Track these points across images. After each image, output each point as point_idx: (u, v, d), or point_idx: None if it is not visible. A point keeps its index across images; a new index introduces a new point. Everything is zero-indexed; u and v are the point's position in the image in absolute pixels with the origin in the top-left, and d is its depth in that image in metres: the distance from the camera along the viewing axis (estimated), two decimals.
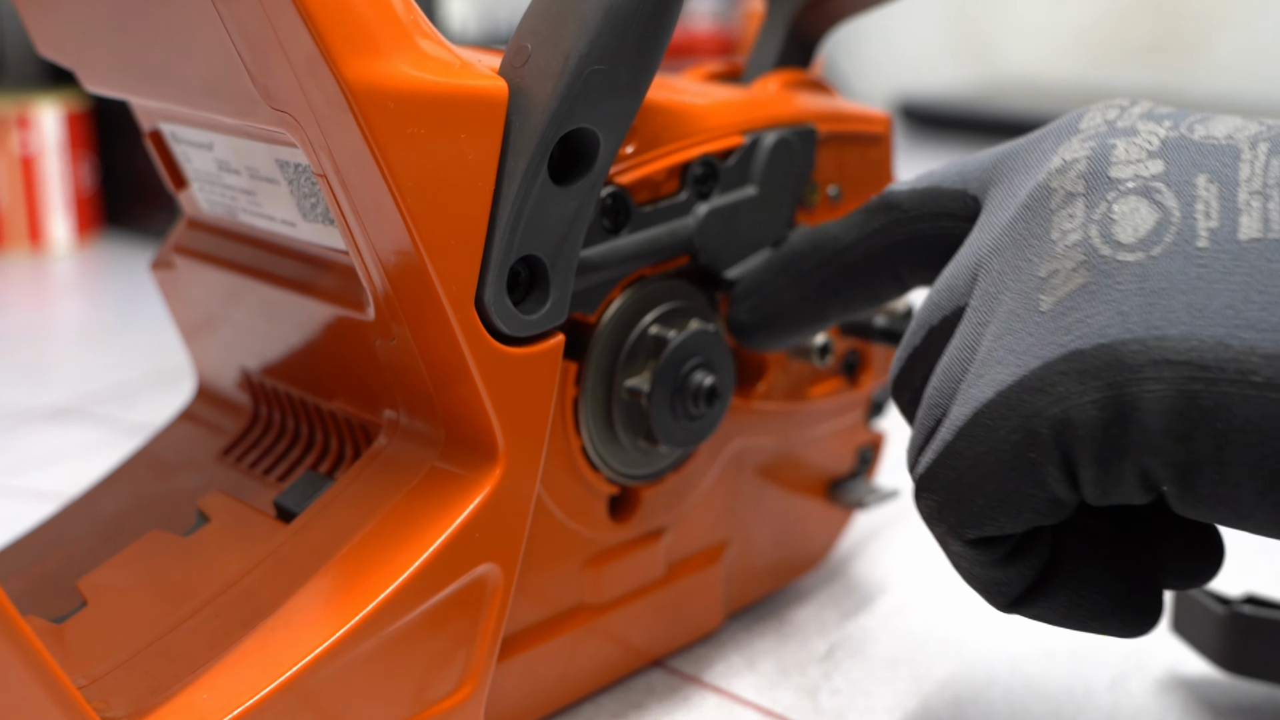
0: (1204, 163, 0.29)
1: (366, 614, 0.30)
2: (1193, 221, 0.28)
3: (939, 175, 0.36)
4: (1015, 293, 0.30)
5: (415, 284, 0.31)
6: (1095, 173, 0.30)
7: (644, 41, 0.32)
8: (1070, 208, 0.30)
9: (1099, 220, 0.29)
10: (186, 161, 0.38)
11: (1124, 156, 0.30)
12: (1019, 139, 0.35)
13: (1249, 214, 0.28)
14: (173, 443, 0.41)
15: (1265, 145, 0.29)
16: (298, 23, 0.27)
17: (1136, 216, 0.29)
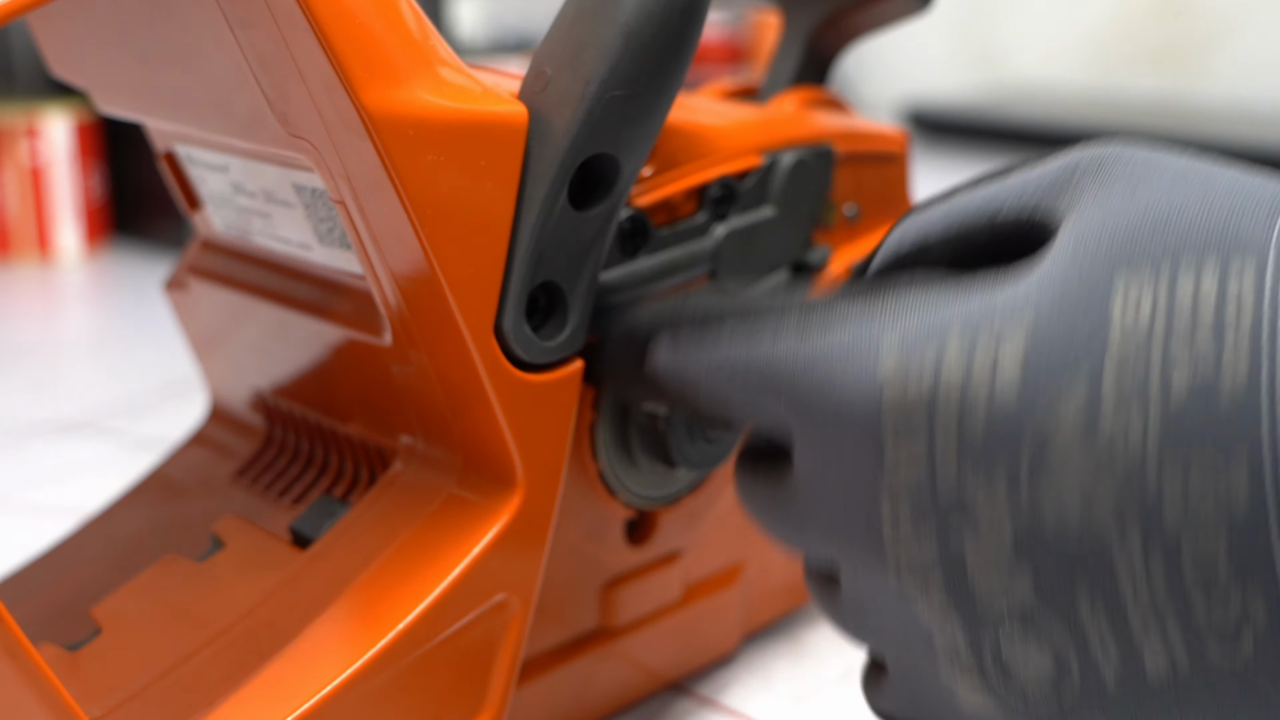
0: (1078, 573, 0.23)
1: (385, 644, 0.30)
2: (1095, 666, 0.24)
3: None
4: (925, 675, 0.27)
5: (434, 311, 0.31)
6: (962, 597, 0.25)
7: (664, 66, 0.31)
8: (947, 634, 0.25)
9: (993, 667, 0.25)
10: (201, 183, 0.37)
11: (983, 573, 0.24)
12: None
13: (1150, 649, 0.23)
14: (186, 464, 0.41)
15: (1136, 534, 0.23)
16: (316, 50, 0.27)
17: (1031, 664, 0.24)
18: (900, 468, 0.25)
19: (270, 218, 0.35)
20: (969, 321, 0.25)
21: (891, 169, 0.44)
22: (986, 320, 0.25)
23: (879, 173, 0.44)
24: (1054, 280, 0.24)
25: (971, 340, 0.24)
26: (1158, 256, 0.24)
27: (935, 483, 0.25)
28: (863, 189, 0.43)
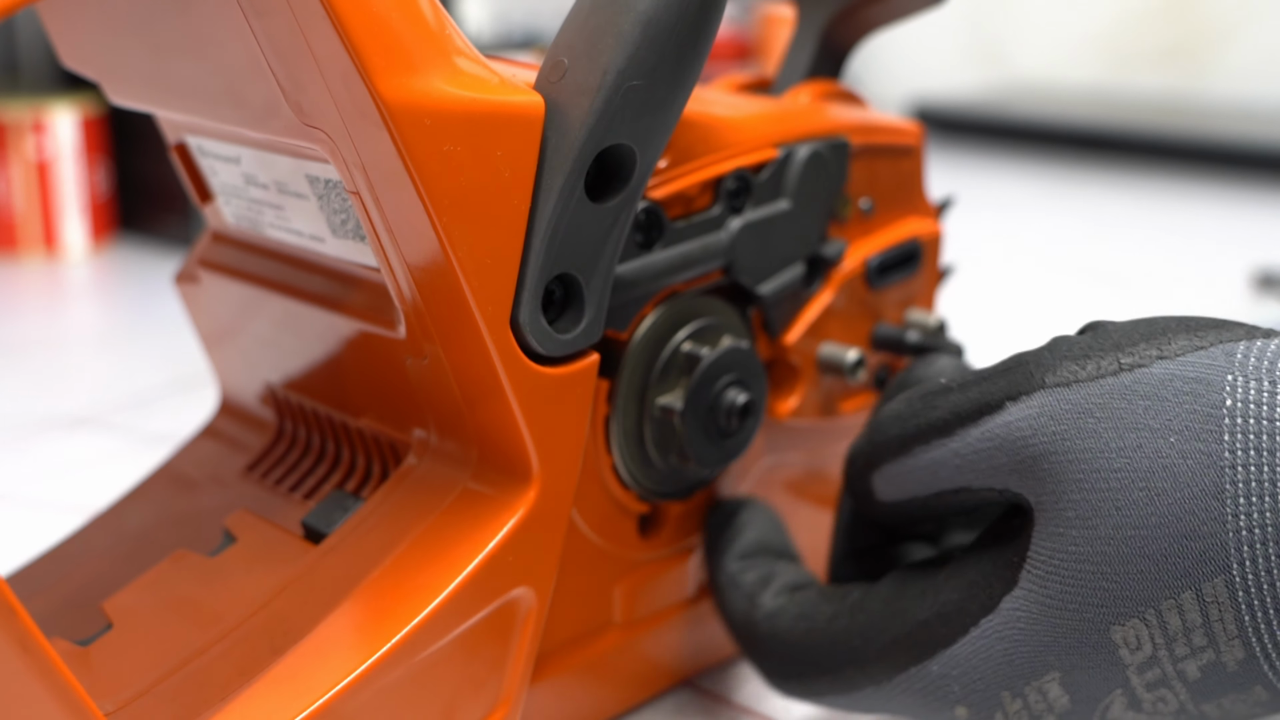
0: None
1: (399, 640, 0.30)
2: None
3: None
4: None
5: (450, 303, 0.30)
6: None
7: (682, 57, 0.31)
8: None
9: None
10: (212, 175, 0.37)
11: None
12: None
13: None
14: (196, 458, 0.40)
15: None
16: (333, 39, 0.27)
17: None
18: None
19: (283, 209, 0.35)
20: (1010, 684, 0.31)
21: (906, 162, 0.44)
22: (1022, 681, 0.31)
23: (894, 166, 0.43)
24: (1060, 644, 0.30)
25: (1021, 694, 0.31)
26: (1141, 608, 0.29)
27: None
28: (878, 182, 0.43)
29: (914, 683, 0.33)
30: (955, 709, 0.32)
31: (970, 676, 0.31)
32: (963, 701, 0.32)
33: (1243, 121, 1.39)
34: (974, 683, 0.31)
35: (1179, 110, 1.47)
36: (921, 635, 0.32)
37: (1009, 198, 1.23)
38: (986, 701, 0.31)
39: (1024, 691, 0.31)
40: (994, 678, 0.31)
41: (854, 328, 0.42)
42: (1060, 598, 0.29)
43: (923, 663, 0.32)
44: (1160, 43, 1.57)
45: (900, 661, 0.33)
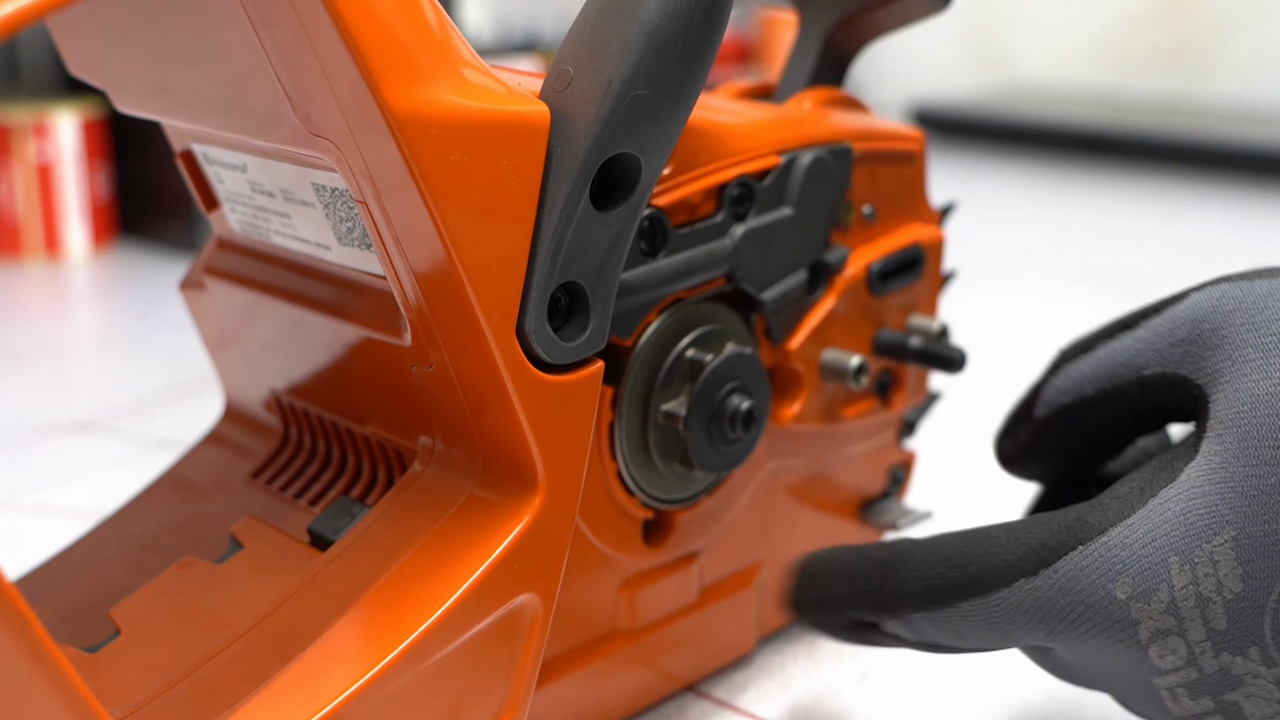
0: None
1: (406, 646, 0.30)
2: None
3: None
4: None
5: (456, 311, 0.30)
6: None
7: (687, 66, 0.31)
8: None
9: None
10: (218, 182, 0.37)
11: (1262, 714, 0.30)
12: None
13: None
14: (202, 464, 0.41)
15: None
16: (341, 49, 0.27)
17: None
18: (1167, 660, 0.31)
19: (288, 217, 0.35)
20: (1181, 547, 0.30)
21: (909, 168, 0.44)
22: (1195, 543, 0.30)
23: (897, 172, 0.44)
24: (1237, 493, 0.30)
25: (1191, 561, 0.30)
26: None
27: (1201, 669, 0.30)
28: (880, 188, 0.43)
29: (1079, 561, 0.31)
30: (1117, 583, 0.31)
31: (1141, 542, 0.30)
32: (1127, 572, 0.31)
33: (1243, 122, 1.39)
34: (1144, 549, 0.30)
35: (1179, 111, 1.47)
36: (1095, 514, 0.32)
37: (1009, 199, 1.23)
38: (1153, 572, 0.30)
39: (1194, 558, 0.30)
40: (1166, 540, 0.30)
41: (856, 333, 0.42)
42: (1239, 445, 0.30)
43: (1094, 539, 0.31)
44: (1160, 44, 1.57)
45: (1068, 541, 0.32)
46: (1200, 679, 0.31)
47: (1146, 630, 0.31)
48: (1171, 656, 0.31)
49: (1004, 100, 1.54)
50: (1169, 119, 1.41)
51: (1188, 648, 0.30)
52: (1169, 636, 0.30)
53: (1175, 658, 0.31)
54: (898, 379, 0.45)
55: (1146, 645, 0.31)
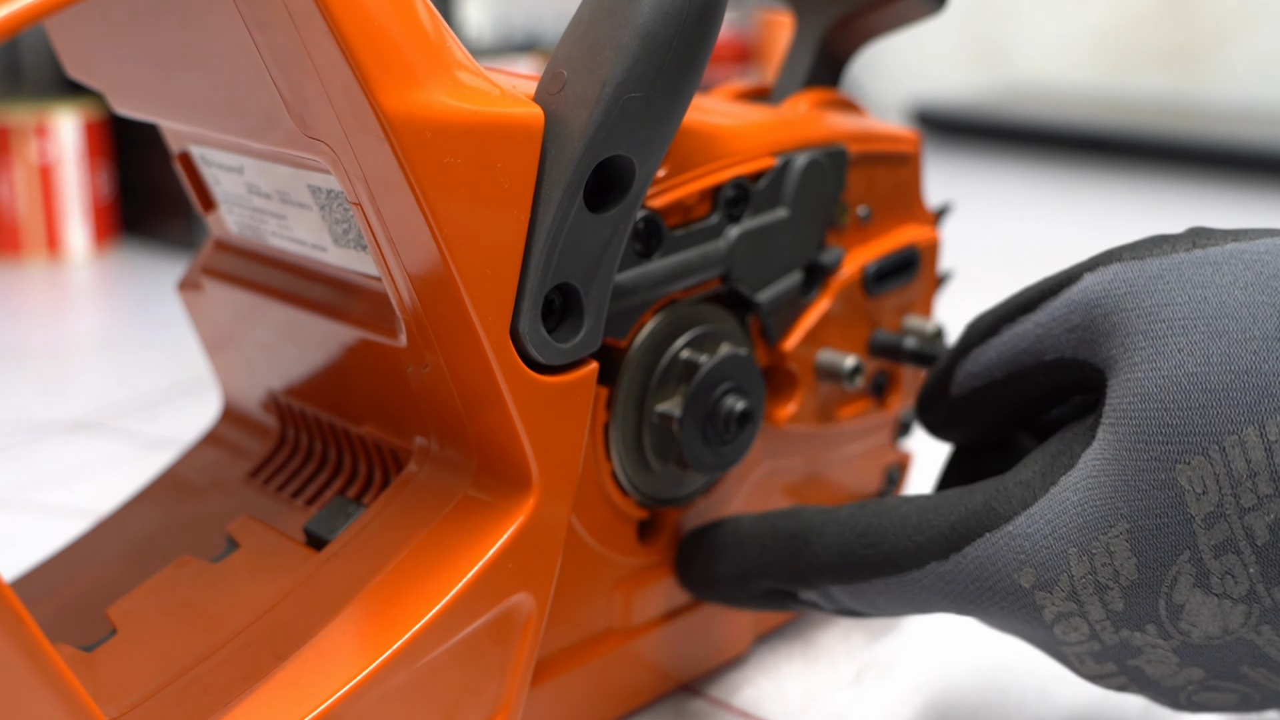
0: (1231, 657, 0.31)
1: (400, 646, 0.30)
2: (1272, 691, 0.32)
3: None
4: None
5: (450, 312, 0.31)
6: (1147, 689, 0.33)
7: (680, 68, 0.31)
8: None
9: (1188, 707, 0.33)
10: (215, 184, 0.37)
11: (1160, 674, 0.32)
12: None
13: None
14: (199, 464, 0.41)
15: (1269, 629, 0.30)
16: (335, 52, 0.27)
17: (1219, 701, 0.33)
18: (1070, 636, 0.32)
19: (285, 219, 0.35)
20: (1079, 539, 0.31)
21: (904, 170, 0.44)
22: (1091, 535, 0.31)
23: (892, 173, 0.44)
24: (1129, 487, 0.30)
25: (1089, 551, 0.31)
26: (1205, 443, 0.29)
27: (1103, 642, 0.32)
28: (875, 190, 0.43)
29: (985, 549, 0.32)
30: (1021, 572, 0.32)
31: (1043, 533, 0.32)
32: (1030, 562, 0.32)
33: (1243, 123, 1.40)
34: (1045, 539, 0.31)
35: (1179, 112, 1.47)
36: (1000, 500, 0.33)
37: (1009, 200, 1.23)
38: (1054, 562, 0.31)
39: (1092, 549, 0.31)
40: (1065, 531, 0.31)
41: (852, 334, 0.43)
42: (1130, 439, 0.30)
43: (999, 527, 0.32)
44: (1161, 44, 1.57)
45: (975, 528, 0.33)
46: (1103, 650, 0.32)
47: (1050, 613, 0.32)
48: (1075, 634, 0.32)
49: (1004, 100, 1.54)
50: (1169, 120, 1.41)
51: (1089, 626, 0.32)
52: (1071, 618, 0.32)
53: (1078, 635, 0.32)
54: (893, 380, 0.45)
55: (1051, 625, 0.32)
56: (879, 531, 0.34)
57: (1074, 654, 0.33)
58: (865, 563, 0.34)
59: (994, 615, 0.33)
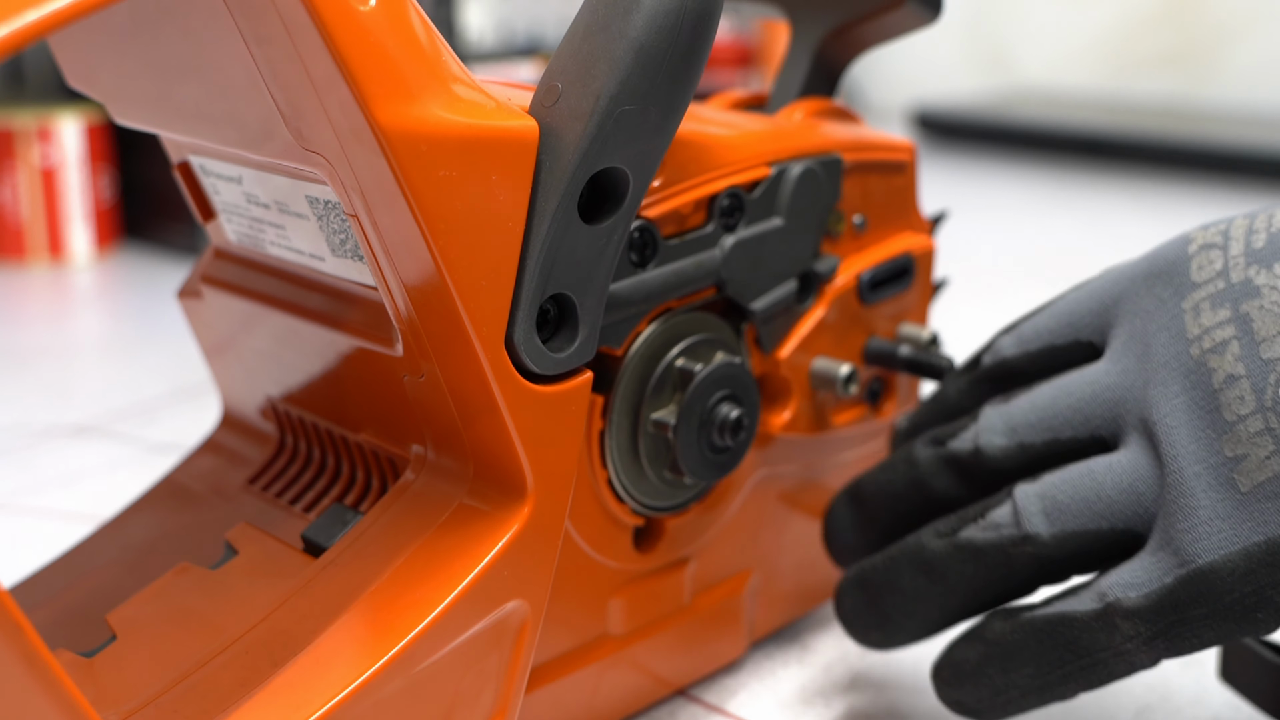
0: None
1: (396, 652, 0.30)
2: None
3: (1046, 332, 0.39)
4: (1202, 465, 0.33)
5: (445, 323, 0.31)
6: (1250, 355, 0.33)
7: (674, 82, 0.32)
8: (1237, 390, 0.33)
9: (1273, 408, 0.32)
10: (215, 193, 0.38)
11: (1268, 331, 0.33)
12: (1119, 274, 0.38)
13: None
14: (198, 471, 0.41)
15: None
16: (332, 68, 0.27)
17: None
18: (1202, 273, 0.35)
19: (283, 228, 0.36)
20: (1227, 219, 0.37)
21: (900, 178, 0.45)
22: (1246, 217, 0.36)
23: (887, 182, 0.44)
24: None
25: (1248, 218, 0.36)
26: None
27: (1229, 278, 0.34)
28: (871, 198, 0.43)
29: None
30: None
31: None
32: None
33: (1245, 126, 1.40)
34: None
35: (1182, 115, 1.47)
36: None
37: (1011, 203, 1.24)
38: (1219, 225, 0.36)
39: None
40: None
41: (846, 342, 0.43)
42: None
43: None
44: (1163, 48, 1.57)
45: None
46: (1226, 288, 0.34)
47: (1195, 245, 0.36)
48: (1209, 268, 0.35)
49: (1006, 104, 1.55)
50: (1171, 123, 1.41)
51: (1225, 260, 0.34)
52: (1211, 250, 0.35)
53: (1211, 269, 0.35)
54: (889, 387, 0.45)
55: (1191, 258, 0.35)
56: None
57: (1192, 304, 0.35)
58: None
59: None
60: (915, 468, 0.38)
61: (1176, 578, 0.32)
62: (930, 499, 0.38)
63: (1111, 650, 0.33)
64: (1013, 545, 0.35)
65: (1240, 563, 0.32)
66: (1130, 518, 0.34)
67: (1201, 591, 0.32)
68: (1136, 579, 0.33)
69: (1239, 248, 0.35)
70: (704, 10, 0.31)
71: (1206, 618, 0.32)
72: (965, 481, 0.38)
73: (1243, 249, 0.35)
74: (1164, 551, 0.33)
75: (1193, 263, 0.35)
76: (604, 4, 0.31)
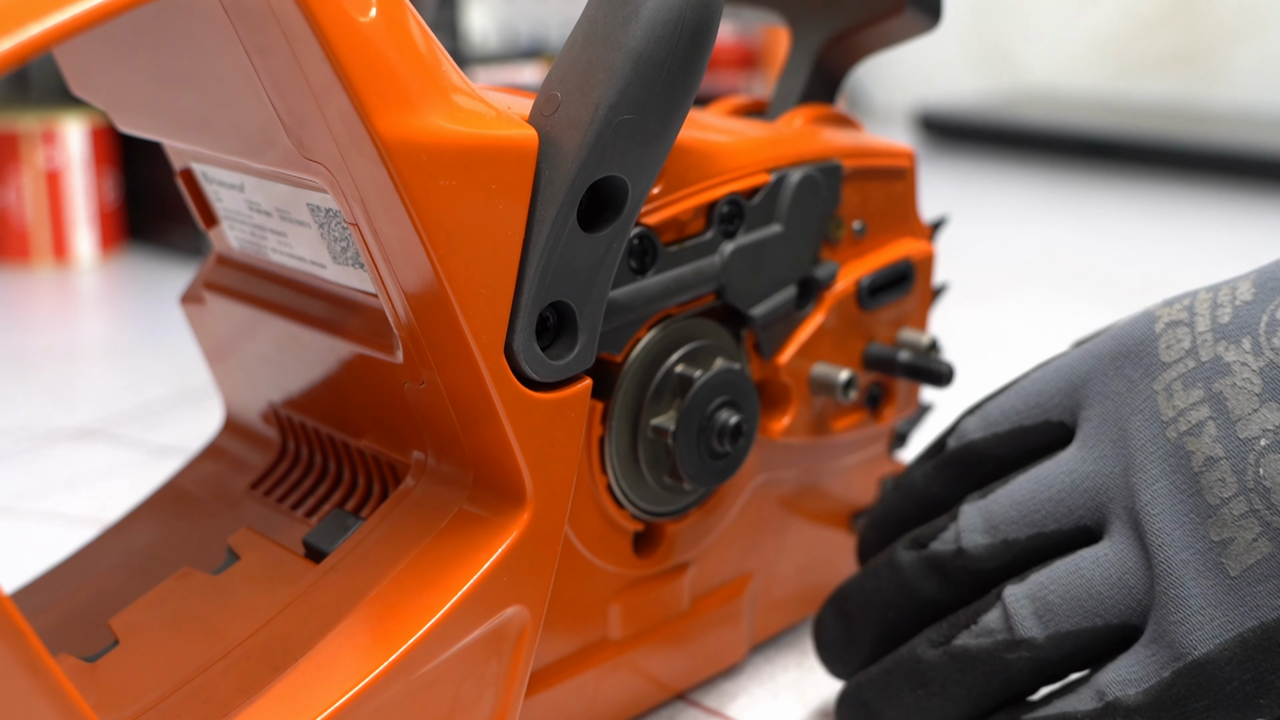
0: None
1: (397, 658, 0.31)
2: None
3: (1014, 413, 0.39)
4: (1190, 551, 0.33)
5: (445, 331, 0.31)
6: (1227, 435, 0.33)
7: (672, 91, 0.32)
8: (1217, 472, 0.33)
9: (1255, 489, 0.32)
10: (217, 200, 0.38)
11: (1241, 411, 0.33)
12: (1084, 353, 0.38)
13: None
14: (201, 475, 0.41)
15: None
16: (333, 79, 0.28)
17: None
18: (1171, 353, 0.35)
19: (285, 235, 0.36)
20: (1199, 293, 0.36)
21: (899, 184, 0.45)
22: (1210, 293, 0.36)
23: (886, 188, 0.44)
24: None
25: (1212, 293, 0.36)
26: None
27: (1199, 356, 0.34)
28: (870, 204, 0.44)
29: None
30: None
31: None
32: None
33: (1249, 127, 1.40)
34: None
35: (1185, 116, 1.47)
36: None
37: (1014, 204, 1.24)
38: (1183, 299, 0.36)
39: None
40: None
41: (846, 348, 0.43)
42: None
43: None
44: (1166, 49, 1.57)
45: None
46: (1197, 367, 0.34)
47: (1161, 323, 0.36)
48: (1177, 347, 0.35)
49: (1009, 105, 1.55)
50: (1175, 124, 1.41)
51: (1192, 338, 0.35)
52: (1178, 328, 0.35)
53: (1179, 348, 0.35)
54: (888, 392, 0.46)
55: (1159, 336, 0.35)
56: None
57: (1164, 385, 0.35)
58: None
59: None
60: (899, 573, 0.38)
61: (1174, 671, 0.32)
62: (918, 603, 0.38)
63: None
64: (1008, 650, 0.35)
65: (1237, 651, 0.31)
66: (1124, 611, 0.34)
67: (1200, 684, 0.32)
68: (1134, 675, 0.33)
69: (1205, 323, 0.35)
70: (702, 20, 0.32)
71: (1208, 709, 0.32)
72: (951, 584, 0.37)
73: (1209, 324, 0.35)
74: (1159, 644, 0.33)
75: (1160, 341, 0.35)
76: (603, 14, 0.31)
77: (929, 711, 0.36)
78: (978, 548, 0.37)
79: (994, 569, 0.37)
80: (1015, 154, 1.43)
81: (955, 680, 0.36)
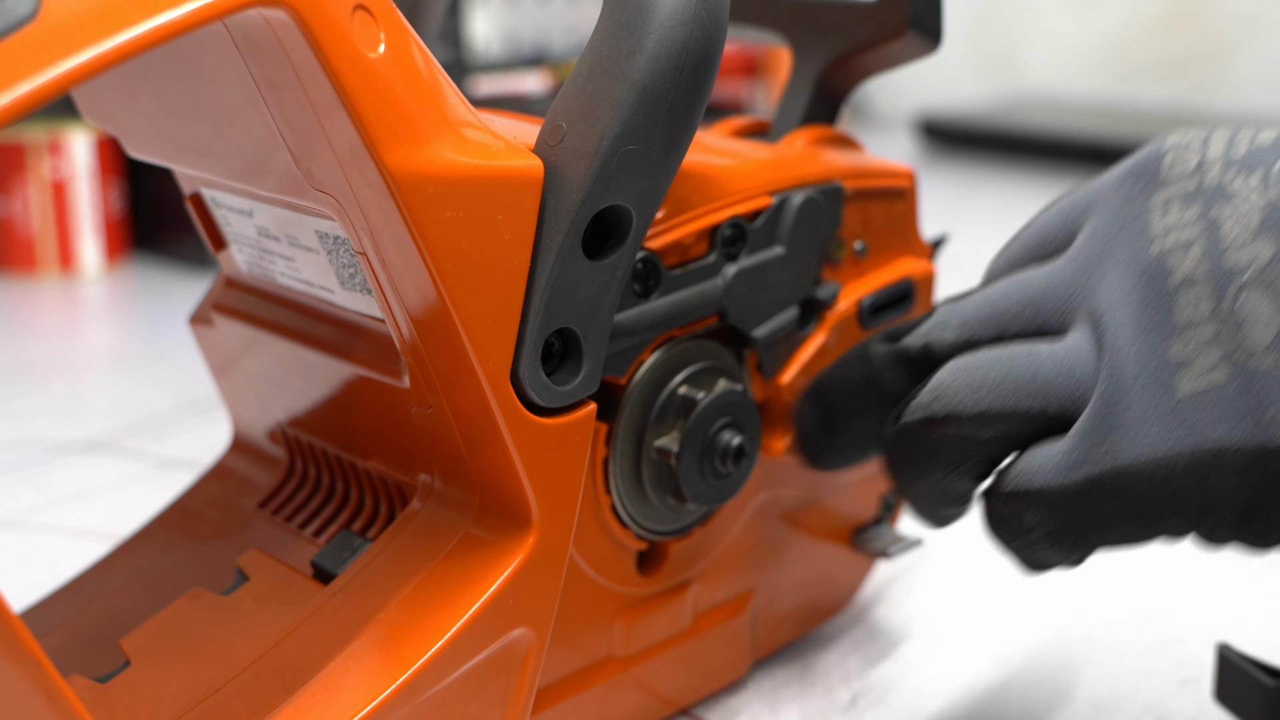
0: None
1: (405, 680, 0.31)
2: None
3: (1018, 260, 0.39)
4: (1142, 363, 0.32)
5: (452, 358, 0.32)
6: (1213, 260, 0.32)
7: (676, 121, 0.32)
8: (1192, 294, 0.32)
9: (1228, 319, 0.31)
10: (226, 225, 0.38)
11: (1233, 239, 0.32)
12: (1095, 182, 0.37)
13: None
14: (210, 494, 0.42)
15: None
16: (341, 113, 0.28)
17: (1263, 318, 0.31)
18: (1174, 171, 0.34)
19: (293, 260, 0.36)
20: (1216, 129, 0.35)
21: (899, 204, 0.45)
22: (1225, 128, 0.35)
23: (888, 209, 0.45)
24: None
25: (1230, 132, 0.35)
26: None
27: (1203, 180, 0.34)
28: (871, 224, 0.44)
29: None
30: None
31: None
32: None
33: None
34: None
35: (1186, 122, 1.47)
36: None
37: (1016, 210, 1.24)
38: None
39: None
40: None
41: None
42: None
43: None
44: (1167, 55, 1.57)
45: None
46: (1199, 189, 0.33)
47: (1170, 144, 0.35)
48: (1181, 166, 0.34)
49: (1011, 111, 1.55)
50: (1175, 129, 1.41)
51: (1201, 160, 0.34)
52: (1188, 150, 0.34)
53: (1184, 167, 0.34)
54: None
55: (1164, 153, 0.35)
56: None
57: (1163, 200, 0.34)
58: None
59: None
60: (869, 364, 0.39)
61: (1095, 471, 0.32)
62: (884, 395, 0.38)
63: (1020, 541, 0.34)
64: (933, 428, 0.35)
65: (1161, 468, 0.31)
66: (1061, 401, 0.34)
67: (1117, 490, 0.32)
68: (1053, 464, 0.33)
69: (1218, 151, 0.34)
70: (706, 52, 0.32)
71: (1115, 516, 0.32)
72: (914, 378, 0.38)
73: (1222, 153, 0.34)
74: (1087, 441, 0.32)
75: (1165, 158, 0.35)
76: (608, 45, 0.32)
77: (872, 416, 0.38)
78: (942, 344, 0.37)
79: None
80: (1017, 160, 1.43)
81: (898, 457, 0.37)
